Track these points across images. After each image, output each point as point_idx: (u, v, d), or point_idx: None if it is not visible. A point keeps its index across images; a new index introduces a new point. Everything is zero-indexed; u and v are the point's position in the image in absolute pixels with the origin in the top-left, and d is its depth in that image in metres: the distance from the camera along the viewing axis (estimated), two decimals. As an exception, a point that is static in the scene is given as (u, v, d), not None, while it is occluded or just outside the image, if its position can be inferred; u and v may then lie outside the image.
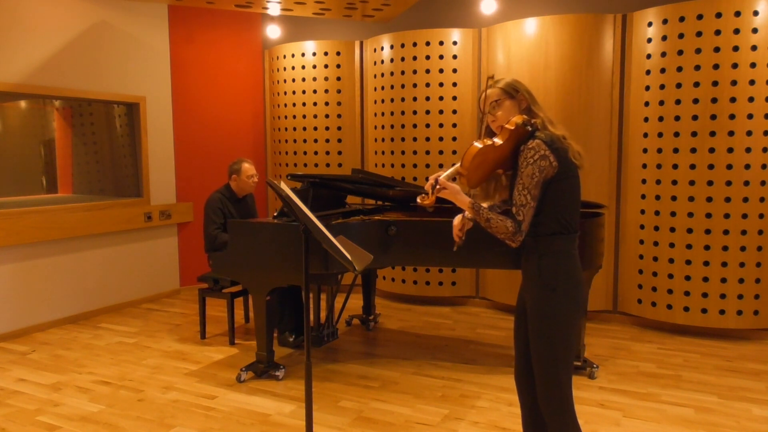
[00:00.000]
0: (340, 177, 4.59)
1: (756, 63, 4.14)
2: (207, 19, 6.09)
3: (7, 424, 3.19)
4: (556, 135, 2.05)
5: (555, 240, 2.05)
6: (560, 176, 2.03)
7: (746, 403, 3.36)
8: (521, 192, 2.00)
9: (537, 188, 2.00)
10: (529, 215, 2.01)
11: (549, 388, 2.06)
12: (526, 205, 2.00)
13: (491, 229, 2.02)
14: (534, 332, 2.08)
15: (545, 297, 2.05)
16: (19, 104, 5.91)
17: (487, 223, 2.01)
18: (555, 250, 2.06)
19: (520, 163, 2.02)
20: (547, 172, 2.00)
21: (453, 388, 3.60)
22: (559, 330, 2.04)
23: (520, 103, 2.13)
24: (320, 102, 5.89)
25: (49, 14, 4.93)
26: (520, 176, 2.01)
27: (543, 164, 1.99)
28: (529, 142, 2.02)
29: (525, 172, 2.00)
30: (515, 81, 2.17)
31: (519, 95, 2.13)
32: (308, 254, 2.47)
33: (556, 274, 2.05)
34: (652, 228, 4.59)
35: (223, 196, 4.54)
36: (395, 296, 5.77)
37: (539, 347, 2.07)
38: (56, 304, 5.03)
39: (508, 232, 1.99)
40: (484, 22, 5.32)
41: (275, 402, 3.43)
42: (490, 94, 2.16)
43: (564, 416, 2.06)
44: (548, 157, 1.99)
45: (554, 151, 2.00)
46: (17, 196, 5.52)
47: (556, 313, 2.04)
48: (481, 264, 3.89)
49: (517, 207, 2.00)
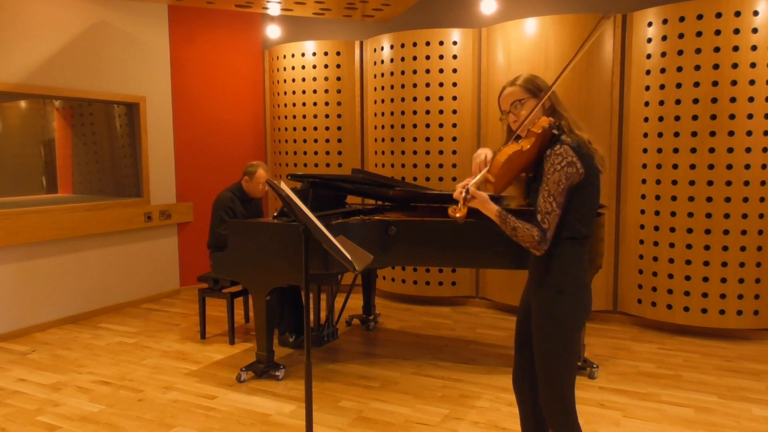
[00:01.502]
0: (340, 177, 4.59)
1: (756, 63, 4.14)
2: (207, 19, 6.09)
3: (7, 424, 3.19)
4: (583, 139, 1.97)
5: (568, 244, 2.00)
6: (585, 183, 1.96)
7: (746, 403, 3.36)
8: (547, 199, 1.93)
9: (563, 195, 1.93)
10: (555, 223, 1.94)
11: (552, 390, 2.04)
12: (552, 212, 1.93)
13: (517, 238, 1.95)
14: (539, 334, 2.05)
15: (552, 299, 2.02)
16: (19, 104, 5.91)
17: (514, 232, 1.94)
18: (566, 253, 2.01)
19: (546, 169, 1.94)
20: (573, 178, 1.93)
21: (453, 388, 3.60)
22: (564, 332, 2.01)
23: (544, 103, 2.04)
24: (320, 102, 5.89)
25: (49, 14, 4.93)
26: (546, 182, 1.93)
27: (570, 171, 1.91)
28: (555, 147, 1.94)
29: (552, 178, 1.92)
30: (537, 78, 2.07)
31: (542, 94, 2.03)
32: (308, 254, 2.46)
33: (565, 276, 2.01)
34: (652, 228, 4.59)
35: (234, 195, 4.51)
36: (395, 296, 5.77)
37: (543, 349, 2.04)
38: (56, 304, 5.03)
39: (533, 241, 1.93)
40: (484, 22, 5.32)
41: (275, 402, 3.43)
42: (513, 92, 2.05)
43: (566, 418, 2.04)
44: (575, 164, 1.92)
45: (581, 157, 1.93)
46: (17, 196, 5.52)
47: (562, 315, 2.01)
48: (481, 264, 3.89)
49: (542, 214, 1.93)
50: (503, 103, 2.09)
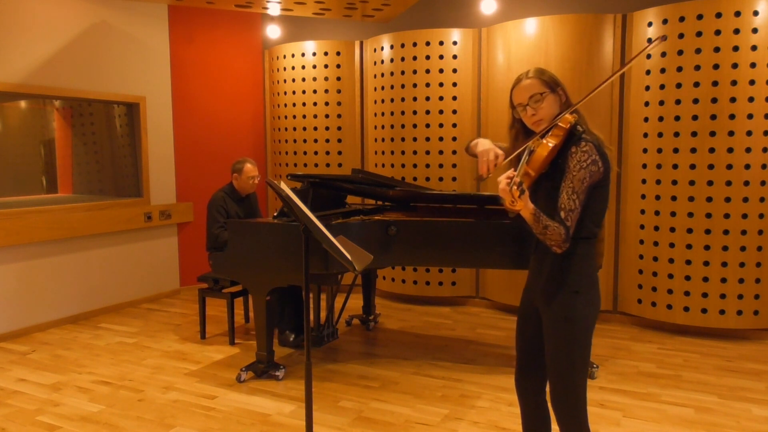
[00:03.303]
0: (340, 177, 4.59)
1: (756, 63, 4.14)
2: (207, 19, 6.09)
3: (7, 424, 3.19)
4: (600, 139, 1.98)
5: (580, 243, 1.98)
6: (603, 182, 1.96)
7: (746, 403, 3.36)
8: (571, 196, 1.91)
9: (585, 193, 1.93)
10: (576, 221, 1.93)
11: (564, 392, 2.01)
12: (575, 210, 1.91)
13: (545, 236, 1.90)
14: (552, 335, 2.02)
15: (569, 300, 1.98)
16: (19, 104, 5.91)
17: (544, 230, 1.89)
18: (579, 253, 1.99)
19: (571, 166, 1.92)
20: (595, 177, 1.93)
21: (453, 388, 3.60)
22: (580, 333, 1.98)
23: (561, 97, 2.04)
24: (320, 102, 5.89)
25: (49, 14, 4.93)
26: (570, 180, 1.92)
27: (593, 169, 1.91)
28: (581, 144, 1.93)
29: (577, 176, 1.91)
30: (550, 72, 2.07)
31: (559, 89, 2.03)
32: (308, 254, 2.46)
33: (581, 277, 1.99)
34: (652, 228, 4.59)
35: (226, 195, 4.56)
36: (395, 296, 5.77)
37: (557, 350, 2.01)
38: (56, 304, 5.03)
39: (560, 239, 1.90)
40: (484, 22, 5.32)
41: (275, 402, 3.43)
42: (531, 85, 2.02)
43: (577, 420, 2.02)
44: (597, 162, 1.92)
45: (601, 155, 1.94)
46: (17, 196, 5.52)
47: (579, 316, 1.98)
48: (481, 264, 3.89)
49: (566, 212, 1.91)
50: (520, 95, 2.05)
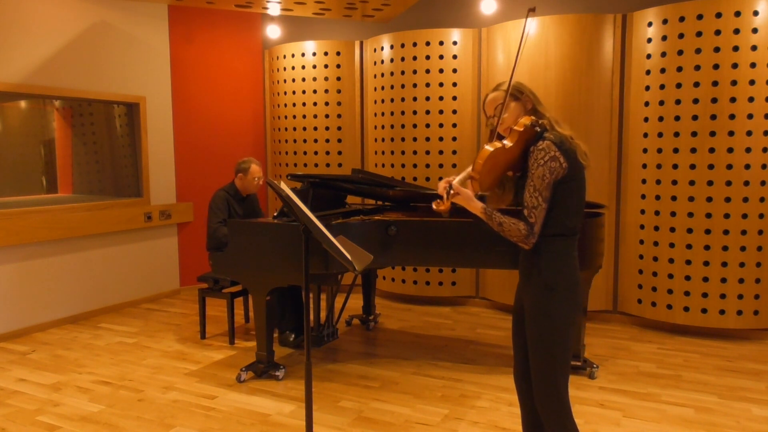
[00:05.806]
0: (340, 177, 4.59)
1: (756, 63, 4.14)
2: (207, 19, 6.09)
3: (7, 424, 3.19)
4: (565, 135, 2.05)
5: (557, 241, 2.05)
6: (569, 177, 2.02)
7: (746, 403, 3.36)
8: (533, 194, 2.00)
9: (548, 190, 2.00)
10: (541, 217, 2.01)
11: (546, 389, 2.06)
12: (538, 206, 1.99)
13: (504, 233, 2.02)
14: (532, 332, 2.08)
15: (545, 297, 2.05)
16: (19, 104, 5.91)
17: (500, 227, 2.01)
18: (556, 250, 2.05)
19: (530, 164, 2.01)
20: (557, 173, 2.00)
21: (453, 388, 3.60)
22: (557, 330, 2.04)
23: (525, 104, 2.13)
24: (320, 102, 5.89)
25: (49, 14, 4.93)
26: (531, 178, 2.01)
27: (553, 165, 1.99)
28: (538, 143, 2.02)
29: (536, 173, 1.99)
30: (518, 82, 2.16)
31: (524, 96, 2.13)
32: (308, 254, 2.47)
33: (557, 274, 2.05)
34: (652, 228, 4.59)
35: (228, 194, 4.54)
36: (395, 296, 5.77)
37: (537, 347, 2.07)
38: (56, 304, 5.03)
39: (521, 235, 2.00)
40: (484, 22, 5.32)
41: (275, 402, 3.43)
42: (495, 97, 2.15)
43: (561, 416, 2.06)
44: (558, 159, 1.99)
45: (564, 152, 2.00)
46: (17, 196, 5.53)
47: (555, 313, 2.03)
48: (481, 264, 3.89)
49: (528, 209, 2.00)
50: (488, 108, 2.19)
